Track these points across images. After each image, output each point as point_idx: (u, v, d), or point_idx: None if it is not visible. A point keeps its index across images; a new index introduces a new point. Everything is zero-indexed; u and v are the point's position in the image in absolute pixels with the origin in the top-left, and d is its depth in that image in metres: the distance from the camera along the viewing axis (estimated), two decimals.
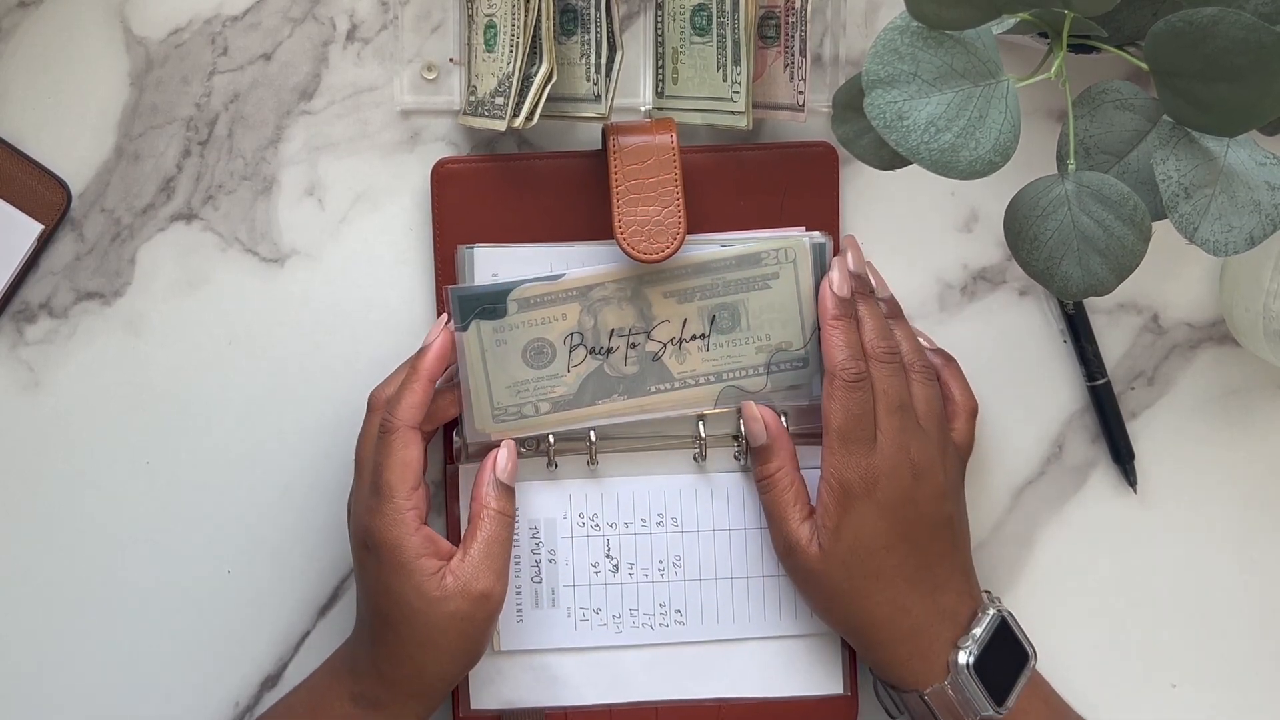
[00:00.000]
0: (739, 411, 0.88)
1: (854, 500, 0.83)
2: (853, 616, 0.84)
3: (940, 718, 0.84)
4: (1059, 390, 0.91)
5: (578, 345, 0.85)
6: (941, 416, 0.85)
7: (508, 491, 0.84)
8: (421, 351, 0.84)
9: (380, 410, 0.84)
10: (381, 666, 0.83)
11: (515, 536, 0.89)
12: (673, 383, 0.86)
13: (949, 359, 0.88)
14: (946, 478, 0.84)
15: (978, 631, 0.84)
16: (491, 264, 0.87)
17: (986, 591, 0.87)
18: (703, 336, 0.86)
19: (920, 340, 0.87)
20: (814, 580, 0.85)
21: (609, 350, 0.85)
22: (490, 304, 0.84)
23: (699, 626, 0.89)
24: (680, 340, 0.86)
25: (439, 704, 0.85)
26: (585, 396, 0.86)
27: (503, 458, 0.85)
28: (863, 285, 0.86)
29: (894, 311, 0.88)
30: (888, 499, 0.83)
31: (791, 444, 0.87)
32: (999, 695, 0.84)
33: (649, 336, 0.85)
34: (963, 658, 0.83)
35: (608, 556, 0.89)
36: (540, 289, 0.85)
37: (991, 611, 0.85)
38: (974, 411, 0.87)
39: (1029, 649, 0.86)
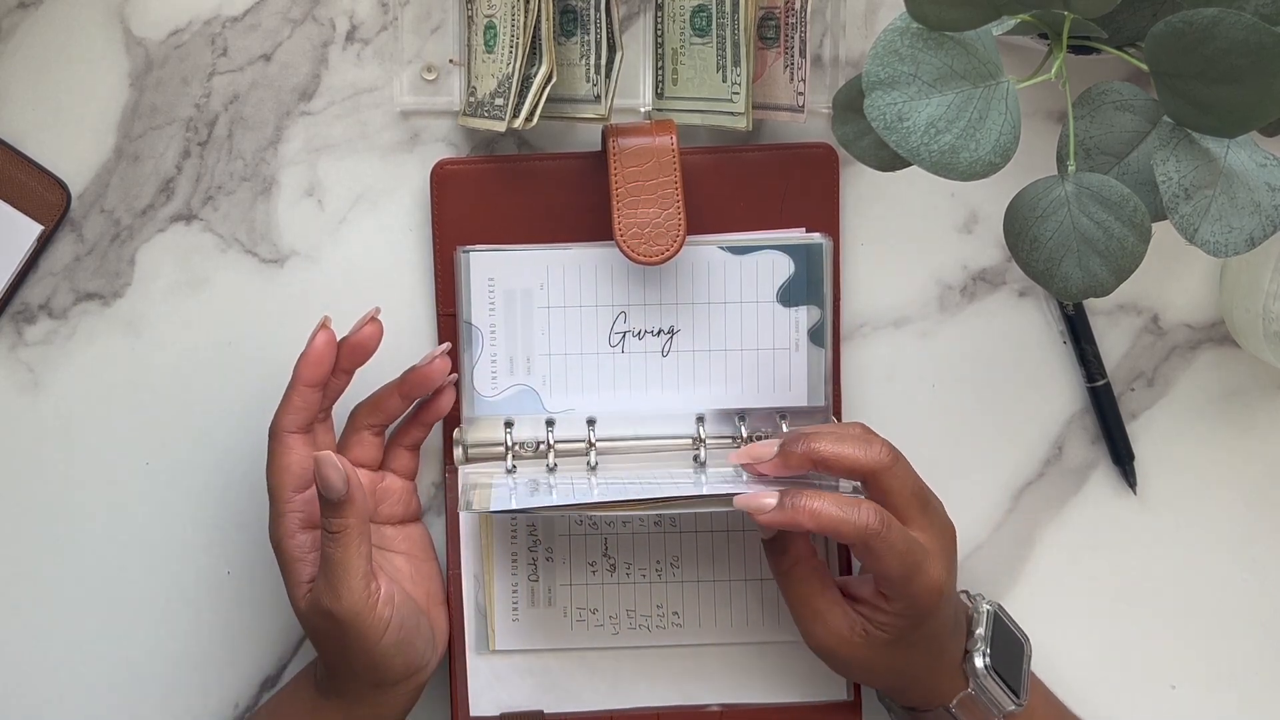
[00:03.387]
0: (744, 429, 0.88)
1: (927, 615, 0.80)
2: (892, 679, 0.83)
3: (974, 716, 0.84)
4: (1059, 391, 0.91)
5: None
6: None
7: (339, 506, 0.78)
8: (301, 356, 0.83)
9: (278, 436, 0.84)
10: (323, 661, 0.84)
11: (513, 534, 0.89)
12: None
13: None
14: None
15: (980, 631, 0.84)
16: (488, 267, 0.87)
17: (964, 591, 0.87)
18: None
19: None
20: (860, 665, 0.82)
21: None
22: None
23: (696, 629, 0.89)
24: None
25: (397, 702, 0.84)
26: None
27: (323, 475, 0.78)
28: (790, 441, 0.80)
29: (801, 437, 0.81)
30: (949, 591, 0.81)
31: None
32: (1014, 688, 0.84)
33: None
34: (979, 661, 0.83)
35: (605, 555, 0.89)
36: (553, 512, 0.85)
37: (985, 608, 0.85)
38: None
39: (1022, 635, 0.86)
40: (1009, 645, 0.85)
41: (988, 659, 0.83)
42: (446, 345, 0.87)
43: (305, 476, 0.83)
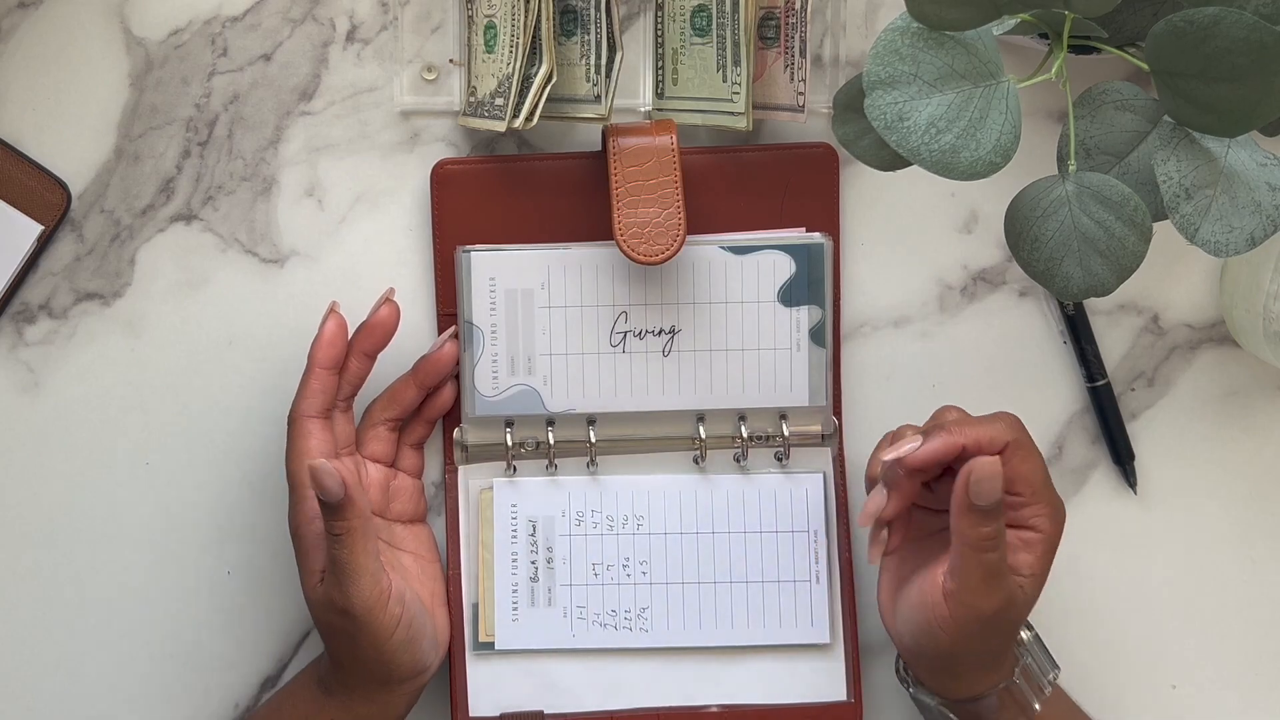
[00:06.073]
0: (741, 418, 0.88)
1: (1056, 539, 0.81)
2: (969, 658, 0.82)
3: (1025, 696, 0.83)
4: (1059, 391, 0.91)
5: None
6: None
7: (339, 509, 0.79)
8: (314, 340, 0.84)
9: (298, 421, 0.84)
10: (329, 655, 0.84)
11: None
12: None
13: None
14: None
15: None
16: (489, 267, 0.87)
17: None
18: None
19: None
20: (1005, 628, 0.81)
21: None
22: None
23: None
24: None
25: (399, 702, 0.85)
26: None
27: (319, 477, 0.78)
28: (921, 434, 0.81)
29: (933, 434, 0.81)
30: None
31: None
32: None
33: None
34: (1025, 633, 0.84)
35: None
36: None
37: None
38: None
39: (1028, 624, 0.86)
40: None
41: (1033, 630, 0.84)
42: (453, 329, 0.87)
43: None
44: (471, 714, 0.89)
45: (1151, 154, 0.75)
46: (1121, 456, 0.91)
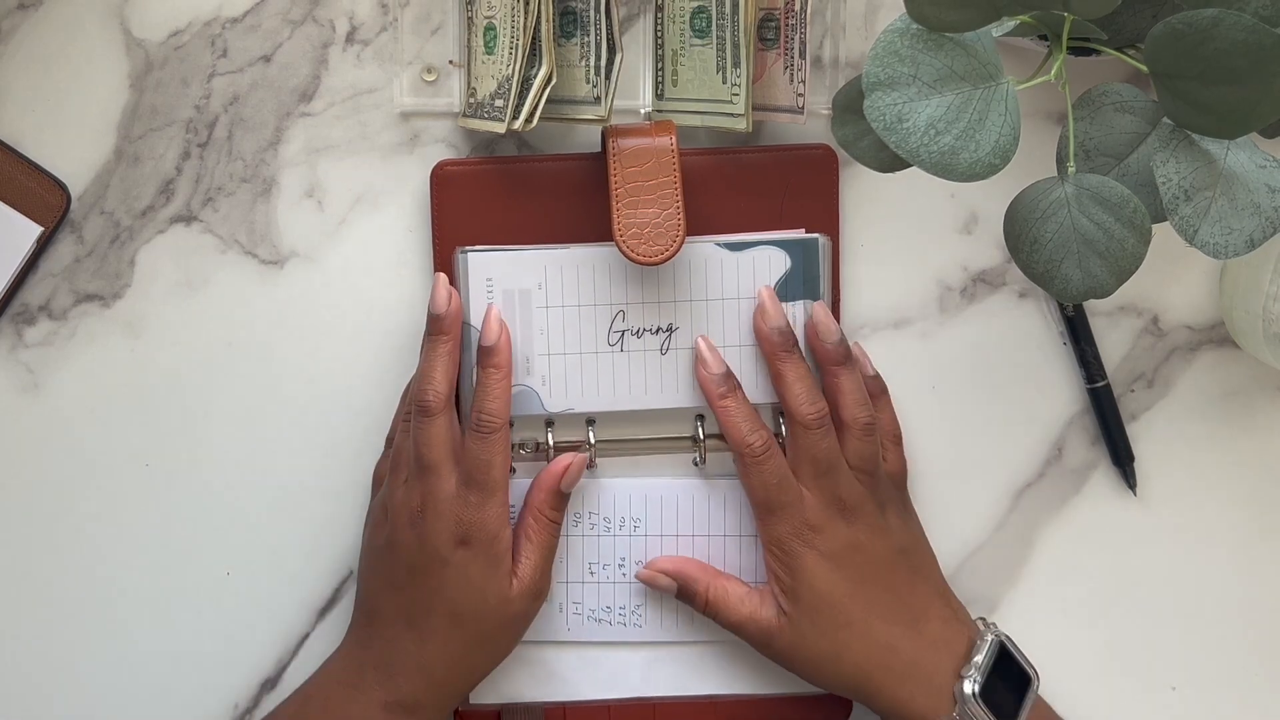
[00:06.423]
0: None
1: (797, 558, 0.83)
2: (844, 672, 0.84)
3: None
4: (1059, 392, 0.91)
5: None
6: (877, 459, 0.86)
7: (564, 501, 0.86)
8: (493, 351, 0.84)
9: (446, 411, 0.84)
10: (432, 668, 0.84)
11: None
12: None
13: (882, 389, 0.89)
14: (884, 512, 0.85)
15: (979, 659, 0.83)
16: (486, 268, 0.87)
17: (981, 619, 0.87)
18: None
19: (860, 366, 0.87)
20: (796, 652, 0.85)
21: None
22: None
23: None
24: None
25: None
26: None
27: (572, 471, 0.86)
28: (787, 342, 0.86)
29: (840, 358, 0.86)
30: (829, 547, 0.83)
31: (695, 562, 0.88)
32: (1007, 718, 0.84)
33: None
34: (968, 687, 0.83)
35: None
36: None
37: (990, 637, 0.84)
38: (898, 438, 0.88)
39: (1031, 671, 0.86)
40: (1012, 677, 0.84)
41: (978, 685, 0.83)
42: (441, 275, 0.86)
43: None
44: (472, 702, 0.89)
45: (1151, 156, 0.75)
46: (1121, 458, 0.91)
